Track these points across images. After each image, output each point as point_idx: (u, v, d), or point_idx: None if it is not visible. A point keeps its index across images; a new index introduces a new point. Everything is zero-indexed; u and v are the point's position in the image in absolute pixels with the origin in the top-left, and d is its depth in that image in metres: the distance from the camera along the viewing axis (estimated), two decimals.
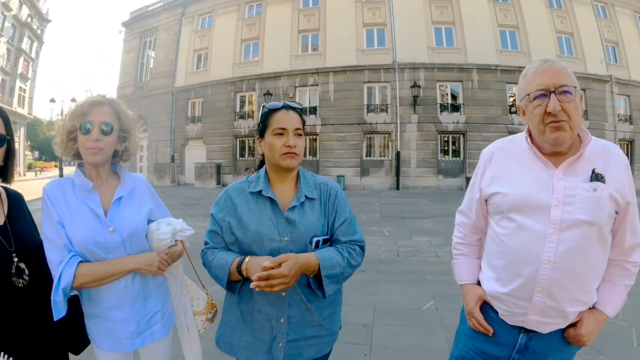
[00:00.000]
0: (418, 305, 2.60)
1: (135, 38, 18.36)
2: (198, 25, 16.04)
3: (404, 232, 5.33)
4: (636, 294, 2.94)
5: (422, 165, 12.53)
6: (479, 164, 0.95)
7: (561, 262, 0.78)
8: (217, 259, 0.88)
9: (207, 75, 15.06)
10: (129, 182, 0.97)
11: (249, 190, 0.91)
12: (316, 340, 0.91)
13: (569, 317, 0.82)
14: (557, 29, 14.16)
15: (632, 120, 14.71)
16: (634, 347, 2.07)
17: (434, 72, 12.73)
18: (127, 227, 0.90)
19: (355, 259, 0.91)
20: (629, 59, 15.07)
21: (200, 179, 13.82)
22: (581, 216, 0.77)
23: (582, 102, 0.84)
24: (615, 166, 0.80)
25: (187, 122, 15.36)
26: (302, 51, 13.83)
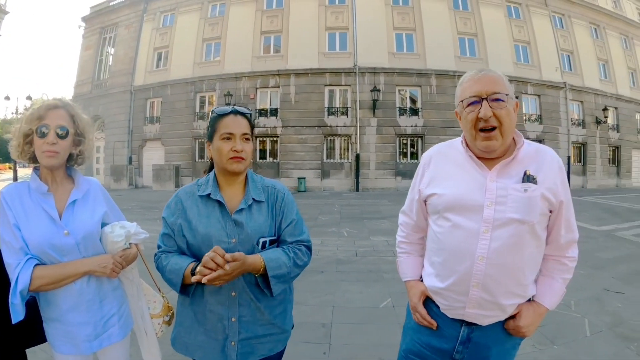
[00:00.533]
0: (375, 303, 2.63)
1: (94, 34, 17.52)
2: (159, 23, 15.49)
3: (362, 233, 5.34)
4: (587, 287, 2.70)
5: (381, 168, 12.58)
6: (419, 167, 0.99)
7: (494, 258, 0.82)
8: (171, 264, 0.89)
9: (166, 74, 14.53)
10: (83, 186, 0.97)
11: (198, 193, 0.93)
12: (268, 338, 0.92)
13: (506, 310, 0.85)
14: (515, 38, 14.68)
15: (584, 125, 15.44)
16: (587, 336, 2.13)
17: (394, 76, 12.84)
18: (81, 229, 0.91)
19: (301, 259, 0.93)
20: (583, 67, 15.86)
21: (159, 181, 13.26)
22: (512, 215, 0.81)
23: (517, 109, 0.86)
24: (549, 167, 0.84)
25: (146, 123, 14.75)
26: (264, 52, 13.60)
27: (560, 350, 1.94)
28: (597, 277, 3.27)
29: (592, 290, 2.91)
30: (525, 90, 14.22)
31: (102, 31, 17.47)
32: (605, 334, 2.16)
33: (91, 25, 17.98)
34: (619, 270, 3.53)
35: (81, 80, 17.50)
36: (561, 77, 14.98)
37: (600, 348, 1.99)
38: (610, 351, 1.96)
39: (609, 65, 16.86)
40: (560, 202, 0.84)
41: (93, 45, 17.57)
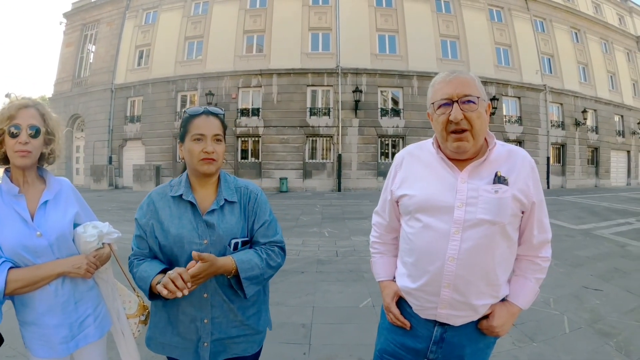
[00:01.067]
0: (355, 303, 2.62)
1: (76, 31, 17.15)
2: (142, 20, 15.25)
3: (343, 233, 5.33)
4: (566, 284, 2.68)
5: (362, 168, 12.61)
6: (391, 168, 0.99)
7: (465, 259, 0.82)
8: (140, 272, 0.89)
9: (148, 73, 14.30)
10: (54, 186, 0.96)
11: (170, 194, 0.92)
12: (242, 339, 0.92)
13: (478, 310, 0.85)
14: (497, 41, 14.91)
15: (564, 126, 15.78)
16: (566, 333, 2.15)
17: (376, 77, 12.89)
18: (54, 230, 0.90)
19: (274, 260, 0.92)
20: (563, 70, 16.20)
21: (139, 181, 13.04)
22: (483, 216, 0.81)
23: (489, 111, 0.87)
24: (520, 169, 0.84)
25: (126, 122, 14.48)
26: (246, 52, 13.50)
27: (539, 347, 1.95)
28: (575, 275, 3.29)
29: (571, 287, 2.93)
30: (505, 92, 14.45)
31: (83, 28, 17.10)
32: (584, 330, 2.18)
33: (72, 21, 17.59)
34: (598, 267, 3.57)
35: (61, 78, 17.10)
36: (541, 80, 15.28)
37: (579, 344, 1.99)
38: (590, 347, 1.96)
39: (588, 68, 17.27)
40: (532, 203, 0.84)
41: (74, 42, 17.19)
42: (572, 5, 17.51)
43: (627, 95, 18.58)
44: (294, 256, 3.88)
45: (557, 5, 16.79)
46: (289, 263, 3.55)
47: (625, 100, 18.28)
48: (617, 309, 2.51)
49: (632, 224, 6.23)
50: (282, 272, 3.28)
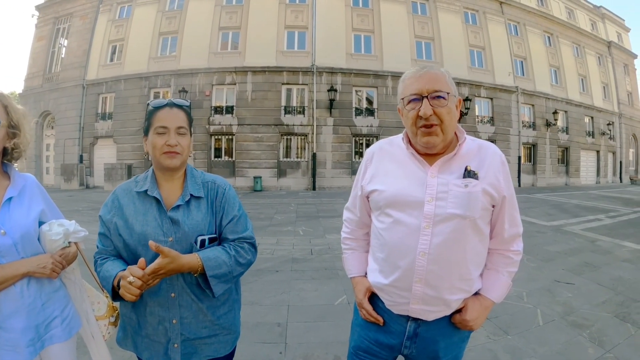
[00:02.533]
0: (331, 300, 2.61)
1: (48, 24, 16.57)
2: (115, 15, 14.87)
3: (318, 231, 5.32)
4: (538, 279, 2.71)
5: (337, 167, 12.70)
6: (362, 163, 0.98)
7: (435, 254, 0.81)
8: (103, 271, 0.87)
9: (120, 68, 13.97)
10: (18, 182, 0.91)
11: (135, 189, 0.90)
12: (213, 339, 0.89)
13: (451, 305, 0.85)
14: (471, 43, 15.26)
15: (535, 127, 16.29)
16: (540, 325, 2.17)
17: (351, 77, 12.99)
18: (19, 229, 0.86)
19: (243, 257, 0.89)
20: (535, 73, 16.72)
21: (110, 181, 12.73)
22: (453, 210, 0.80)
23: (460, 107, 0.86)
24: (490, 163, 0.84)
25: (97, 119, 14.11)
26: (221, 48, 13.37)
27: (514, 340, 1.98)
28: (547, 269, 3.35)
29: (543, 281, 2.98)
30: (478, 93, 14.82)
31: (56, 21, 16.54)
32: (557, 323, 2.21)
33: (45, 14, 16.99)
34: (569, 262, 3.64)
35: (32, 73, 16.50)
36: (514, 82, 15.74)
37: (553, 336, 2.02)
38: (563, 339, 2.00)
39: (560, 71, 17.89)
40: (503, 197, 0.84)
41: (46, 36, 16.60)
42: (545, 10, 18.09)
43: (597, 98, 19.36)
44: (269, 255, 3.86)
45: (531, 10, 17.32)
46: (263, 262, 3.54)
47: (595, 103, 19.05)
48: (589, 301, 2.57)
49: (601, 220, 6.36)
50: (257, 271, 3.21)
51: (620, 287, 2.90)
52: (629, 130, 21.28)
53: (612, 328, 2.15)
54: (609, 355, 1.84)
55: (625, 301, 2.59)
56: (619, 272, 3.29)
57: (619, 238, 4.83)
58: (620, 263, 3.62)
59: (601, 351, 1.88)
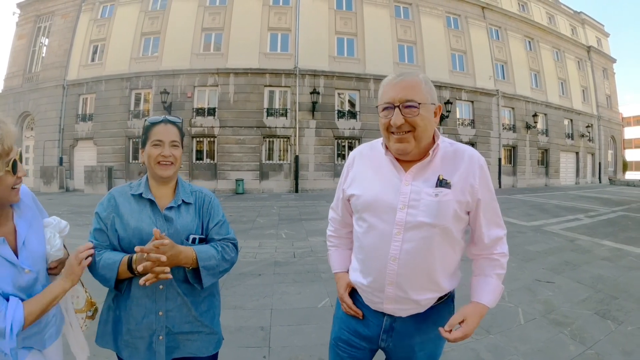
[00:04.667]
0: (314, 303, 2.61)
1: (29, 22, 16.23)
2: (98, 14, 14.67)
3: (300, 234, 5.31)
4: (518, 278, 2.80)
5: (319, 169, 12.80)
6: (344, 167, 1.02)
7: (405, 259, 0.84)
8: (104, 259, 0.91)
9: (102, 69, 13.79)
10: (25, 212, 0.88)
11: (130, 192, 0.99)
12: (196, 336, 0.96)
13: (421, 303, 0.88)
14: (452, 47, 15.55)
15: (515, 129, 16.69)
16: (521, 324, 2.18)
17: (334, 79, 13.12)
18: (38, 261, 0.86)
19: (229, 254, 1.00)
20: (515, 77, 17.13)
21: (91, 184, 12.57)
22: (423, 218, 0.82)
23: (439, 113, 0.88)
24: (465, 169, 0.84)
25: (77, 121, 13.88)
26: (204, 50, 13.33)
27: (496, 339, 1.98)
28: (527, 269, 3.36)
29: (524, 281, 3.00)
30: (459, 96, 15.12)
31: (37, 19, 16.22)
32: (538, 321, 2.22)
33: (26, 12, 16.64)
34: (549, 261, 3.66)
35: (12, 72, 16.15)
36: (494, 85, 16.10)
37: (534, 334, 2.04)
38: (545, 337, 2.01)
39: (540, 75, 18.37)
40: (478, 201, 0.84)
41: (27, 35, 16.26)
42: (526, 15, 18.55)
43: (576, 101, 19.94)
44: (251, 259, 3.84)
45: (512, 15, 17.74)
46: (245, 266, 3.53)
47: (574, 105, 19.62)
48: (569, 299, 2.59)
49: (580, 220, 6.43)
50: (239, 275, 3.19)
51: (599, 285, 2.93)
52: (607, 132, 21.98)
53: (593, 325, 2.16)
54: (590, 352, 1.86)
55: (605, 298, 2.61)
56: (598, 271, 3.31)
57: (598, 237, 4.86)
58: (599, 261, 3.66)
59: (582, 348, 1.90)
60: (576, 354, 1.86)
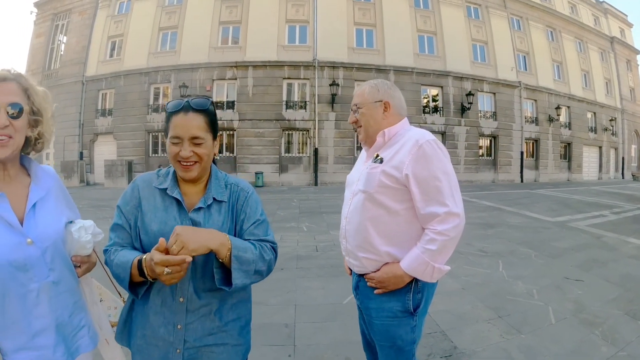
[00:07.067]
0: (339, 299, 2.53)
1: (46, 20, 16.45)
2: (115, 10, 14.75)
3: (321, 227, 5.22)
4: (547, 275, 2.61)
5: (339, 162, 12.61)
6: None
7: (350, 218, 1.07)
8: (119, 257, 0.80)
9: (120, 64, 13.86)
10: (43, 181, 0.80)
11: (155, 185, 0.84)
12: (221, 349, 0.84)
13: (363, 262, 1.03)
14: (473, 37, 15.13)
15: (537, 122, 16.19)
16: (552, 324, 2.14)
17: (353, 71, 12.88)
18: (48, 236, 0.75)
19: (267, 254, 0.83)
20: (537, 68, 16.60)
21: (111, 177, 12.64)
22: (359, 187, 1.04)
23: (389, 109, 1.09)
24: (401, 148, 0.99)
25: (97, 116, 14.01)
26: (222, 43, 13.25)
27: (527, 339, 1.95)
28: (555, 266, 3.31)
29: (552, 278, 2.95)
30: (481, 88, 14.70)
31: (54, 18, 16.42)
32: (569, 320, 2.18)
33: (43, 11, 16.86)
34: (576, 258, 3.59)
35: (31, 69, 16.36)
36: (516, 77, 15.62)
37: (566, 335, 2.00)
38: (576, 337, 1.97)
39: (563, 66, 17.77)
40: (406, 176, 0.95)
41: (45, 33, 16.49)
42: (548, 5, 17.95)
43: (599, 93, 19.25)
44: None
45: (534, 4, 17.17)
46: None
47: (597, 98, 18.93)
48: (599, 298, 2.53)
49: (606, 216, 6.31)
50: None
51: (629, 283, 2.85)
52: (631, 126, 21.18)
53: (624, 326, 2.11)
54: (622, 354, 1.80)
55: (635, 298, 2.54)
56: (626, 269, 3.23)
57: (625, 234, 4.76)
58: (627, 260, 3.56)
59: (614, 349, 1.85)
60: (608, 355, 1.80)
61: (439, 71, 13.80)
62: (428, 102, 13.92)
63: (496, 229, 5.05)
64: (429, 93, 14.00)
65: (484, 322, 2.15)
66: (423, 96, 13.76)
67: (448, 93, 13.92)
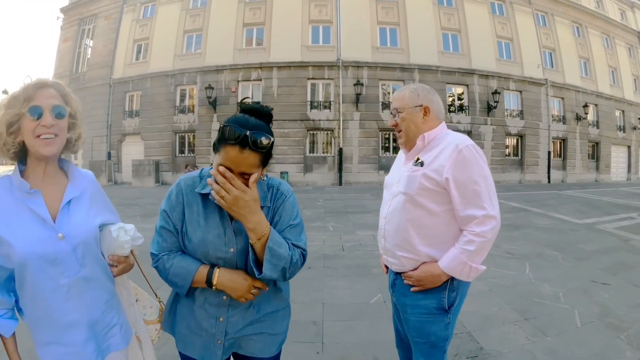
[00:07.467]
0: (366, 299, 2.57)
1: (73, 25, 16.96)
2: (140, 14, 15.08)
3: (347, 227, 5.26)
4: (573, 278, 2.63)
5: (364, 162, 12.54)
6: None
7: (389, 218, 1.11)
8: (175, 267, 0.83)
9: (146, 67, 14.15)
10: (79, 181, 0.84)
11: (197, 190, 0.84)
12: (259, 337, 0.89)
13: (401, 260, 1.07)
14: (498, 34, 14.80)
15: (565, 121, 15.71)
16: (578, 327, 2.14)
17: (377, 70, 12.79)
18: (80, 234, 0.78)
19: (295, 257, 0.85)
20: (564, 65, 16.12)
21: (138, 177, 12.92)
22: (400, 188, 1.08)
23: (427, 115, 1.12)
24: (441, 153, 1.02)
25: (125, 117, 14.34)
26: (246, 45, 13.37)
27: (553, 342, 1.94)
28: (582, 269, 3.28)
29: (579, 281, 2.93)
30: (507, 86, 14.37)
31: (80, 22, 16.92)
32: (595, 324, 2.16)
33: (70, 16, 17.40)
34: (603, 261, 3.55)
35: (58, 73, 16.91)
36: (542, 74, 15.20)
37: (591, 339, 1.99)
38: (602, 341, 1.96)
39: (590, 63, 17.19)
40: (446, 179, 0.98)
41: (71, 37, 17.01)
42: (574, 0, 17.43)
43: (628, 91, 18.52)
44: None
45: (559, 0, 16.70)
46: None
47: (626, 96, 18.23)
48: (625, 302, 2.50)
49: (634, 218, 6.17)
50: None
51: None
52: None
53: None
54: None
55: None
56: None
57: None
58: None
59: (639, 354, 1.83)
60: None
61: (464, 69, 13.56)
62: (453, 100, 13.69)
63: (523, 231, 4.98)
64: (454, 92, 13.77)
65: (510, 324, 2.15)
66: (448, 95, 13.54)
67: (474, 91, 13.66)
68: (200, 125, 13.09)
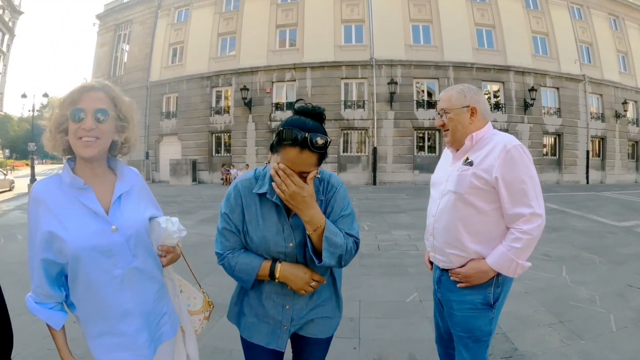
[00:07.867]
0: (401, 297, 2.61)
1: (109, 31, 17.72)
2: (174, 19, 15.59)
3: (382, 227, 5.32)
4: (610, 282, 2.73)
5: (398, 161, 12.50)
6: None
7: (439, 216, 1.13)
8: (240, 264, 0.89)
9: (182, 69, 14.63)
10: (128, 177, 0.88)
11: (254, 190, 0.89)
12: (319, 321, 0.96)
13: (450, 258, 1.10)
14: (533, 29, 14.41)
15: (604, 118, 15.10)
16: (613, 331, 2.13)
17: (411, 69, 12.72)
18: (131, 225, 0.81)
19: (349, 245, 0.89)
20: (602, 60, 15.49)
21: (175, 175, 13.40)
22: (449, 187, 1.11)
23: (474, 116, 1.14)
24: (490, 152, 1.05)
25: (162, 118, 14.89)
26: (279, 46, 13.59)
27: (587, 345, 1.94)
28: (619, 273, 3.24)
29: (616, 285, 2.90)
30: (544, 82, 13.96)
31: (116, 28, 17.66)
32: (630, 329, 2.13)
33: (105, 22, 18.19)
34: None
35: (97, 77, 17.67)
36: (580, 70, 14.67)
37: (626, 343, 1.97)
38: (636, 346, 1.93)
39: (628, 57, 16.44)
40: (496, 178, 1.01)
41: (108, 43, 17.78)
42: None
43: None
44: None
45: None
46: None
47: None
48: None
49: None
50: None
51: None
52: None
53: None
54: None
55: None
56: None
57: None
58: None
59: None
60: None
61: (499, 66, 13.29)
62: (489, 98, 13.44)
63: (560, 233, 4.86)
64: (489, 89, 13.52)
65: (545, 326, 2.15)
66: (484, 92, 13.28)
67: (509, 89, 13.37)
68: (236, 125, 13.42)
